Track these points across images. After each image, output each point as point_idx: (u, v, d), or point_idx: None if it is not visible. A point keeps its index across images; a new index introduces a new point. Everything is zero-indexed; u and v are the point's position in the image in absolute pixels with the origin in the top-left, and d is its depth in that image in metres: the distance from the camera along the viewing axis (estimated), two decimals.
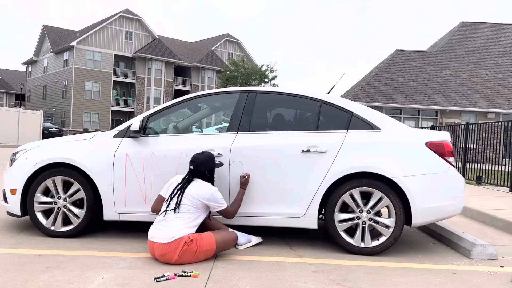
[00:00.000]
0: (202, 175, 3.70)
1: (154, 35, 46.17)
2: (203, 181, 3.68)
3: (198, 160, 3.68)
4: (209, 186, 3.66)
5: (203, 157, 3.71)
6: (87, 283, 2.90)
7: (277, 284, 3.04)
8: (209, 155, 3.74)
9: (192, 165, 3.68)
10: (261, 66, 35.93)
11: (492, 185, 9.67)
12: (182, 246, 3.35)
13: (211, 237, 3.52)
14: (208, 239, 3.50)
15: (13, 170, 4.17)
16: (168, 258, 3.36)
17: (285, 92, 4.25)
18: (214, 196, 3.62)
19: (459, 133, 11.57)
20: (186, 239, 3.38)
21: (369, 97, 22.47)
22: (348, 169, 3.84)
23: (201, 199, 3.57)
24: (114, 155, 4.04)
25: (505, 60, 24.81)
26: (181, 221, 3.47)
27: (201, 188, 3.61)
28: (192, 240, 3.40)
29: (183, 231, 3.43)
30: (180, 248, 3.34)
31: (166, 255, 3.35)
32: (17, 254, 3.53)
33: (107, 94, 43.48)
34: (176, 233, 3.40)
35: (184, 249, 3.35)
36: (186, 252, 3.36)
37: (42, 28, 46.67)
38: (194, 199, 3.56)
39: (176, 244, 3.35)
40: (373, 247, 3.85)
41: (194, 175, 3.69)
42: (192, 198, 3.56)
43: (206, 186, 3.64)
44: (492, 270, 3.63)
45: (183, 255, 3.36)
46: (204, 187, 3.63)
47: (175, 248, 3.34)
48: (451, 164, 3.95)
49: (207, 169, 3.71)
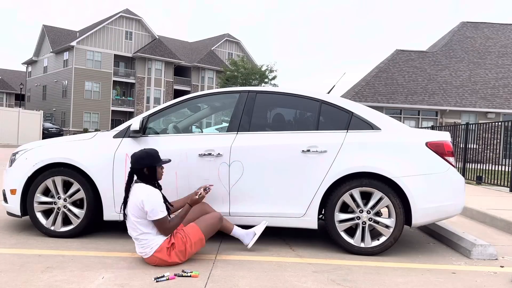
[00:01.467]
0: (139, 175, 3.36)
1: (154, 35, 46.17)
2: (142, 183, 3.33)
3: (133, 157, 3.37)
4: (143, 188, 3.27)
5: (139, 153, 3.37)
6: (87, 283, 2.90)
7: (277, 284, 3.04)
8: (147, 151, 3.38)
9: (130, 164, 3.39)
10: (261, 66, 35.93)
11: (492, 185, 9.66)
12: (167, 253, 3.27)
13: (194, 228, 3.42)
14: (193, 231, 3.40)
15: (13, 170, 4.17)
16: (164, 265, 3.32)
17: (285, 92, 4.25)
18: (145, 201, 3.19)
19: (459, 133, 11.56)
20: (167, 245, 3.27)
21: (369, 97, 22.47)
22: (348, 169, 3.84)
23: (138, 203, 3.22)
24: (114, 155, 4.04)
25: (505, 60, 24.81)
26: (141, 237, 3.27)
27: (137, 191, 3.27)
28: (174, 242, 3.30)
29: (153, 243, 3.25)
30: (166, 254, 3.27)
31: (161, 264, 3.31)
32: (17, 254, 3.53)
33: (107, 94, 43.47)
34: (148, 249, 3.27)
35: (172, 253, 3.29)
36: (177, 253, 3.31)
37: (42, 28, 46.67)
38: (134, 207, 3.26)
39: (160, 254, 3.26)
40: (373, 247, 3.85)
41: (131, 177, 3.39)
42: (133, 205, 3.26)
43: (141, 188, 3.27)
44: (492, 270, 3.63)
45: (175, 257, 3.32)
46: (138, 189, 3.27)
47: (161, 257, 3.27)
48: (451, 164, 3.95)
49: (144, 167, 3.32)
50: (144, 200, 3.22)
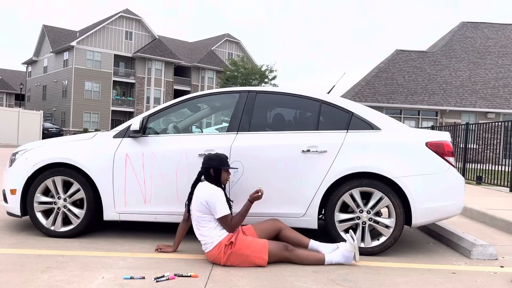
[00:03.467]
0: (206, 175, 3.57)
1: (154, 35, 46.17)
2: (207, 182, 3.56)
3: (205, 157, 3.61)
4: (208, 187, 3.50)
5: (210, 154, 3.62)
6: (87, 283, 2.90)
7: (277, 284, 3.03)
8: (218, 154, 3.62)
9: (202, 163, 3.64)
10: (261, 66, 35.92)
11: (492, 185, 9.66)
12: (223, 249, 3.35)
13: (264, 246, 3.39)
14: (260, 246, 3.39)
15: (13, 170, 4.16)
16: (217, 261, 3.40)
17: (285, 92, 4.25)
18: (209, 199, 3.42)
19: (459, 133, 11.56)
20: (226, 242, 3.36)
21: (369, 97, 22.47)
22: (348, 169, 3.84)
23: (202, 201, 3.44)
24: (114, 155, 4.04)
25: (505, 60, 24.81)
26: (203, 232, 3.44)
27: (200, 190, 3.50)
28: (233, 242, 3.36)
29: (215, 239, 3.39)
30: (222, 251, 3.35)
31: (214, 260, 3.40)
32: (17, 254, 3.53)
33: (107, 94, 43.48)
34: (209, 244, 3.40)
35: (228, 252, 3.35)
36: (232, 254, 3.35)
37: (42, 28, 46.67)
38: (195, 203, 3.48)
39: (217, 250, 3.37)
40: (373, 247, 3.85)
41: (200, 176, 3.62)
42: (197, 202, 3.47)
43: (205, 187, 3.50)
44: (492, 270, 3.63)
45: (230, 257, 3.36)
46: (203, 187, 3.50)
47: (218, 253, 3.37)
48: (451, 164, 3.95)
49: (211, 167, 3.54)
50: (207, 198, 3.42)
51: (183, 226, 3.74)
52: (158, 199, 4.00)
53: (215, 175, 3.56)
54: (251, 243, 3.40)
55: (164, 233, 4.44)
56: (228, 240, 3.37)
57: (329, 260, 3.53)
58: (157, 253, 3.69)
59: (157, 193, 4.00)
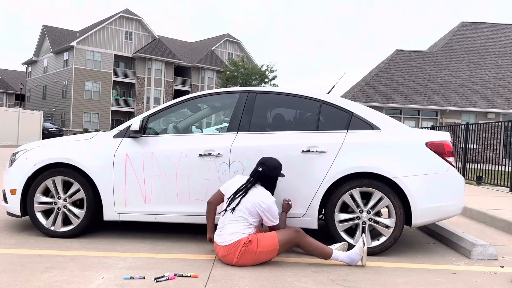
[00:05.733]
0: (267, 181, 3.58)
1: (154, 35, 46.17)
2: (264, 188, 3.56)
3: (270, 164, 3.57)
4: (268, 195, 3.51)
5: (275, 162, 3.60)
6: (87, 283, 2.90)
7: (277, 284, 3.03)
8: (278, 161, 3.64)
9: (261, 167, 3.56)
10: (261, 66, 35.93)
11: (492, 185, 9.66)
12: (241, 247, 3.35)
13: (273, 237, 3.43)
14: (270, 239, 3.42)
15: (13, 170, 4.16)
16: (229, 259, 3.39)
17: (285, 92, 4.25)
18: (270, 208, 3.47)
19: (459, 133, 11.56)
20: (245, 240, 3.36)
21: (369, 97, 22.47)
22: (348, 169, 3.84)
23: (258, 207, 3.44)
24: (114, 155, 4.04)
25: (505, 60, 24.81)
26: (237, 225, 3.42)
27: (260, 196, 3.48)
28: (251, 240, 3.37)
29: (241, 234, 3.39)
30: (239, 249, 3.35)
31: (227, 256, 3.39)
32: (17, 254, 3.53)
33: (107, 94, 43.48)
34: (233, 236, 3.38)
35: (243, 250, 3.35)
36: (246, 253, 3.35)
37: (42, 28, 46.67)
38: (251, 206, 3.46)
39: (235, 246, 3.36)
40: (373, 247, 3.85)
41: (259, 179, 3.57)
42: (249, 204, 3.46)
43: (266, 195, 3.50)
44: (492, 270, 3.63)
45: (242, 256, 3.36)
46: (263, 195, 3.49)
47: (234, 250, 3.36)
48: (451, 164, 3.95)
49: (275, 175, 3.59)
50: (269, 205, 3.46)
51: (209, 209, 3.67)
52: (158, 199, 4.00)
53: (273, 184, 3.65)
54: (261, 240, 3.39)
55: (164, 233, 4.44)
56: (247, 239, 3.37)
57: (335, 256, 3.52)
58: (157, 253, 3.69)
59: (157, 193, 4.00)
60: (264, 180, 3.59)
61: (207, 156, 3.97)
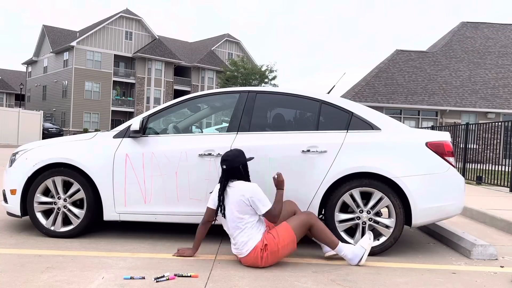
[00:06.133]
0: (237, 173, 3.46)
1: (154, 35, 46.17)
2: (239, 181, 3.46)
3: (230, 157, 3.45)
4: (245, 184, 3.41)
5: (235, 151, 3.50)
6: (87, 283, 2.90)
7: (277, 284, 3.03)
8: (238, 149, 3.53)
9: (224, 164, 3.44)
10: (261, 66, 35.92)
11: (492, 185, 9.67)
12: (260, 254, 3.32)
13: (287, 228, 3.39)
14: (285, 231, 3.38)
15: (13, 170, 4.17)
16: (255, 265, 3.38)
17: (285, 92, 4.25)
18: (256, 192, 3.35)
19: (459, 133, 11.56)
20: (261, 246, 3.32)
21: (369, 97, 22.47)
22: (348, 169, 3.84)
23: (243, 200, 3.34)
24: (114, 155, 4.04)
25: (505, 60, 24.82)
26: (244, 232, 3.35)
27: (238, 190, 3.38)
28: (268, 243, 3.33)
29: (253, 240, 3.33)
30: (259, 256, 3.32)
31: (252, 264, 3.37)
32: (17, 254, 3.53)
33: (107, 94, 43.48)
34: (247, 246, 3.33)
35: (264, 255, 3.32)
36: (268, 256, 3.33)
37: (42, 28, 46.67)
38: (237, 204, 3.35)
39: (254, 254, 3.32)
40: (373, 247, 3.84)
41: (228, 177, 3.45)
42: (235, 203, 3.36)
43: (243, 185, 3.40)
44: (492, 270, 3.63)
45: (267, 260, 3.34)
46: (241, 187, 3.39)
47: (255, 257, 3.33)
48: (451, 164, 3.95)
49: (241, 164, 3.46)
50: (251, 195, 3.35)
51: (203, 228, 3.56)
52: (158, 199, 4.00)
53: (244, 171, 3.51)
54: (277, 237, 3.36)
55: (164, 233, 4.44)
56: (262, 243, 3.33)
57: (340, 248, 3.53)
58: (157, 253, 3.69)
59: (157, 193, 4.00)
60: (233, 174, 3.45)
61: (207, 156, 3.97)
